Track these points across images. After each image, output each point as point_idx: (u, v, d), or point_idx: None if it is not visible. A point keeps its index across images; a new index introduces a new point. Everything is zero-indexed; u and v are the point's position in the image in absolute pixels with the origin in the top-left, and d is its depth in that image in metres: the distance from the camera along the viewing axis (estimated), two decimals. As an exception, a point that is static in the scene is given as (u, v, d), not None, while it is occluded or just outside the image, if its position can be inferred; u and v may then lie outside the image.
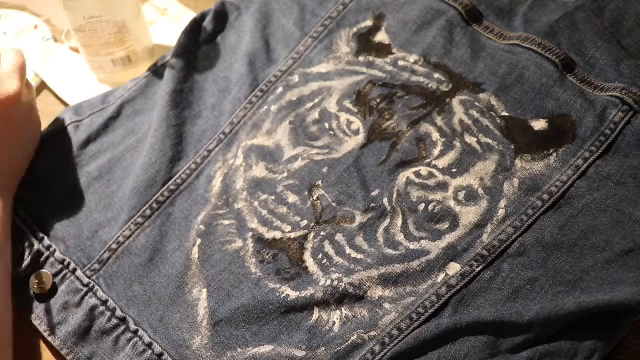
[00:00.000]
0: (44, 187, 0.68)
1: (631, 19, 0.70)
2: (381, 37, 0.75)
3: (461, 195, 0.62)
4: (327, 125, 0.69)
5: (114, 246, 0.64)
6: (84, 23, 0.74)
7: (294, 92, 0.72)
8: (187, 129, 0.71)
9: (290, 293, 0.59)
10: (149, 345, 0.58)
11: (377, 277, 0.59)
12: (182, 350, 0.58)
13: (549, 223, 0.60)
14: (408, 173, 0.64)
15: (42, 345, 0.61)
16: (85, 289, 0.62)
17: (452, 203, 0.62)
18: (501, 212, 0.61)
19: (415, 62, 0.72)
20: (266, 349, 0.57)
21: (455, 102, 0.68)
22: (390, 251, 0.60)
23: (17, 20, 0.89)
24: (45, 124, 0.74)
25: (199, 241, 0.63)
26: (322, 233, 0.61)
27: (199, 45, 0.78)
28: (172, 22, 0.87)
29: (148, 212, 0.65)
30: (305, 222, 0.62)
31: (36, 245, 0.64)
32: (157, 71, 0.77)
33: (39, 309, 0.61)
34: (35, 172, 0.69)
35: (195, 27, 0.79)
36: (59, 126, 0.73)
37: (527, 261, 0.58)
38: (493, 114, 0.67)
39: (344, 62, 0.74)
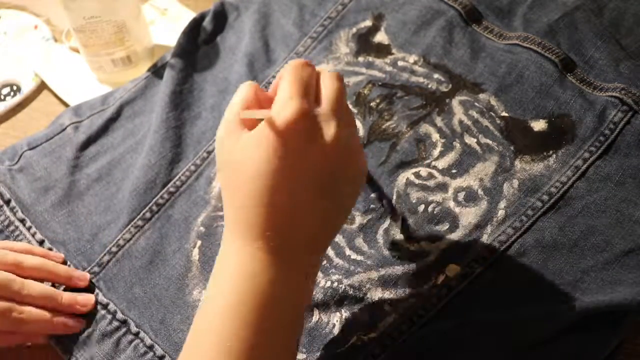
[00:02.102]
0: (44, 188, 0.68)
1: (630, 18, 0.70)
2: (380, 37, 0.75)
3: (461, 196, 0.62)
4: (326, 125, 0.68)
5: (114, 249, 0.64)
6: (84, 23, 0.74)
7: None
8: (186, 131, 0.71)
9: (290, 294, 0.59)
10: (150, 347, 0.58)
11: (376, 279, 0.59)
12: (182, 352, 0.58)
13: (548, 224, 0.60)
14: (407, 174, 0.64)
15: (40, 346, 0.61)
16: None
17: (451, 204, 0.62)
18: (501, 213, 0.61)
19: (415, 63, 0.72)
20: (266, 351, 0.57)
21: (455, 103, 0.68)
22: (390, 252, 0.60)
23: (17, 20, 0.89)
24: (45, 124, 0.75)
25: (199, 243, 0.63)
26: (322, 234, 0.62)
27: (198, 46, 0.78)
28: (172, 22, 0.87)
29: (148, 215, 0.65)
30: (305, 223, 0.62)
31: (37, 249, 0.64)
32: (156, 72, 0.77)
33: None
34: (34, 173, 0.69)
35: (194, 28, 0.79)
36: (58, 127, 0.73)
37: (526, 262, 0.58)
38: (492, 114, 0.67)
39: (343, 62, 0.74)
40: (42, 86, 0.82)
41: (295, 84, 0.46)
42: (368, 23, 0.76)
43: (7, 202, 0.67)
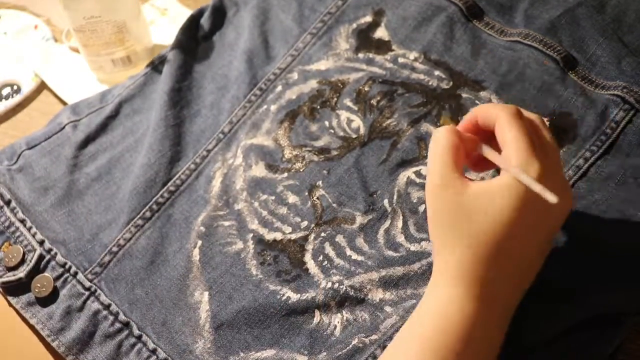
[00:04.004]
0: (43, 188, 0.68)
1: (632, 15, 0.70)
2: (381, 33, 0.74)
3: (462, 195, 0.62)
4: (327, 123, 0.68)
5: (115, 249, 0.64)
6: (84, 23, 0.74)
7: (294, 89, 0.72)
8: (185, 129, 0.71)
9: (291, 295, 0.59)
10: (153, 351, 0.58)
11: (377, 280, 0.59)
12: (185, 355, 0.58)
13: (549, 223, 0.60)
14: (408, 173, 0.64)
15: (43, 348, 0.61)
16: (87, 293, 0.62)
17: (452, 203, 0.62)
18: (502, 213, 0.61)
19: (415, 59, 0.71)
20: (268, 353, 0.57)
21: (456, 100, 0.68)
22: (390, 253, 0.60)
23: (17, 20, 0.89)
24: (45, 124, 0.75)
25: (199, 243, 0.63)
26: (323, 234, 0.61)
27: (196, 42, 0.78)
28: (172, 22, 0.87)
29: (148, 214, 0.65)
30: (305, 223, 0.62)
31: (38, 250, 0.64)
32: (154, 69, 0.76)
33: (41, 313, 0.61)
34: (34, 173, 0.69)
35: (192, 24, 0.79)
36: (56, 126, 0.73)
37: (527, 262, 0.58)
38: (494, 112, 0.66)
39: (343, 58, 0.73)
40: (42, 86, 0.82)
41: (530, 142, 0.48)
42: (368, 19, 0.76)
43: (8, 203, 0.67)
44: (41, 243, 0.65)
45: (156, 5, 0.89)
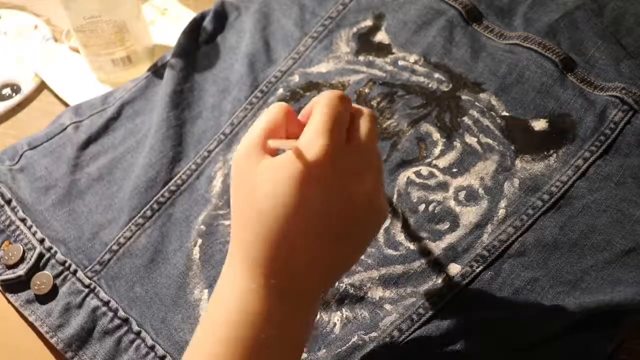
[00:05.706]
0: (44, 188, 0.68)
1: (631, 18, 0.70)
2: (381, 36, 0.75)
3: (461, 195, 0.62)
4: (327, 125, 0.69)
5: (115, 247, 0.64)
6: (84, 23, 0.74)
7: (295, 92, 0.72)
8: (187, 130, 0.71)
9: (291, 293, 0.59)
10: (152, 348, 0.58)
11: (377, 278, 0.59)
12: (184, 352, 0.58)
13: (549, 223, 0.60)
14: (408, 173, 0.64)
15: (43, 346, 0.61)
16: (86, 290, 0.62)
17: (452, 203, 0.62)
18: (501, 212, 0.61)
19: (415, 62, 0.72)
20: (267, 350, 0.57)
21: (456, 102, 0.68)
22: (390, 252, 0.60)
23: (17, 20, 0.89)
24: (45, 124, 0.75)
25: (199, 241, 0.63)
26: (323, 233, 0.62)
27: (198, 46, 0.78)
28: (172, 22, 0.87)
29: (149, 213, 0.65)
30: (305, 223, 0.62)
31: (38, 248, 0.64)
32: (156, 72, 0.77)
33: (39, 310, 0.61)
34: (35, 173, 0.69)
35: (194, 27, 0.79)
36: (58, 127, 0.73)
37: (527, 261, 0.58)
38: (493, 113, 0.67)
39: (344, 61, 0.74)
40: (42, 86, 0.82)
41: (330, 119, 0.43)
42: (369, 23, 0.76)
43: (8, 202, 0.67)
44: (41, 241, 0.64)
45: (156, 5, 0.89)
